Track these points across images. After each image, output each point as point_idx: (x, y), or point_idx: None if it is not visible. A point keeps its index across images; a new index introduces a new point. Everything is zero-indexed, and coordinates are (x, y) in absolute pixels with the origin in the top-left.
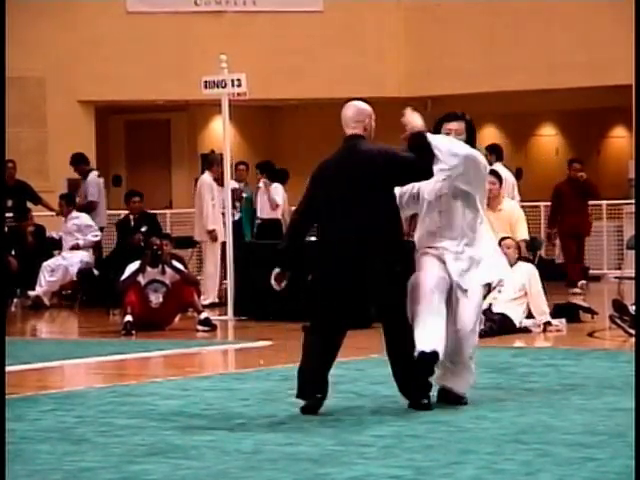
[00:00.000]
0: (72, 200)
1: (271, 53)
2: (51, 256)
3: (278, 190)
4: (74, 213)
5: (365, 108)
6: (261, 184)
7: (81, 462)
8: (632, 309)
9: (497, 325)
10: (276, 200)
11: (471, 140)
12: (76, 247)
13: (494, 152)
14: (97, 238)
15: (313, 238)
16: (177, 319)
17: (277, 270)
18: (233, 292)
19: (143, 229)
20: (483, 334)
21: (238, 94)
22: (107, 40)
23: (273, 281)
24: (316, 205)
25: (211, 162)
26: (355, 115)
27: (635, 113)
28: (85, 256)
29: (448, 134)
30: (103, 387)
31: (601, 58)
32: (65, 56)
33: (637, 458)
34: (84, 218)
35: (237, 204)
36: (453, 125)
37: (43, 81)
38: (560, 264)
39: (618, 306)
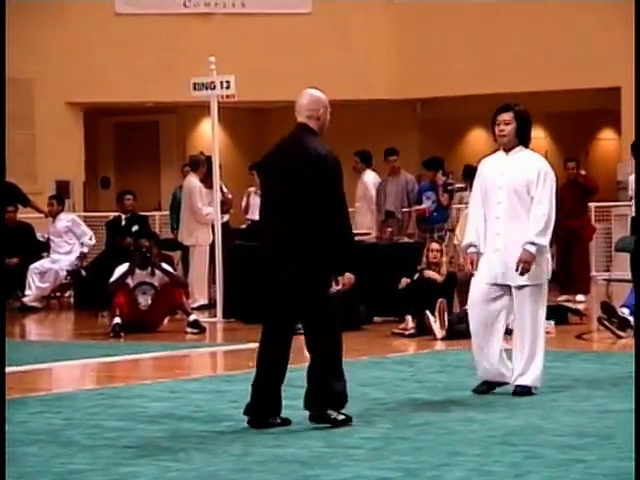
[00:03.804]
0: (62, 200)
1: (260, 55)
2: (39, 258)
3: None
4: (63, 214)
5: (321, 97)
6: (251, 189)
7: (70, 464)
8: (620, 311)
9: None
10: None
11: (523, 128)
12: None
13: (363, 159)
14: (92, 242)
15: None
16: (166, 321)
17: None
18: (222, 294)
19: (134, 228)
20: (460, 335)
21: (227, 96)
22: (95, 42)
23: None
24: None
25: (197, 163)
26: (309, 104)
27: (635, 113)
28: (74, 257)
29: (499, 124)
30: (92, 389)
31: (590, 60)
32: (54, 58)
33: (637, 458)
34: (77, 221)
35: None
36: (502, 116)
37: (31, 83)
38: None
39: (606, 308)
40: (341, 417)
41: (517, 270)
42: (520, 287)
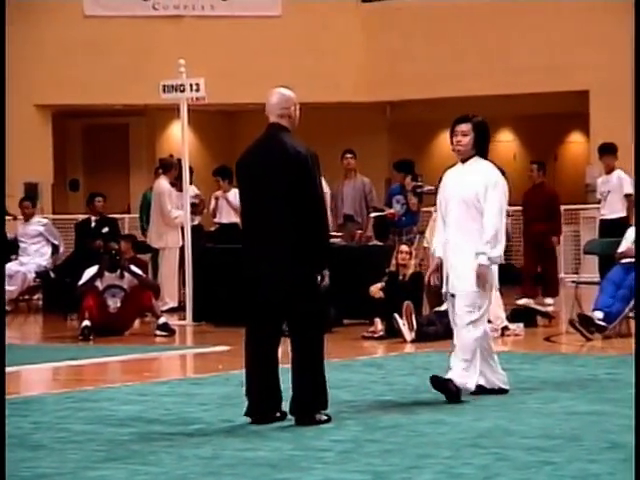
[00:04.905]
0: (35, 203)
1: (229, 58)
2: (7, 260)
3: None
4: (36, 217)
5: (291, 95)
6: (219, 193)
7: (38, 468)
8: (596, 318)
9: (443, 329)
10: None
11: (480, 139)
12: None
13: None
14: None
15: None
16: (135, 324)
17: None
18: (192, 297)
19: (104, 230)
20: (429, 337)
21: (197, 98)
22: (64, 44)
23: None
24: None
25: (168, 166)
26: (280, 102)
27: (635, 114)
28: (43, 261)
29: (456, 135)
30: (60, 393)
31: (558, 63)
32: (22, 59)
33: (637, 458)
34: (49, 224)
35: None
36: (460, 127)
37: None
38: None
39: (583, 319)
40: (324, 417)
41: (477, 284)
42: (457, 294)
